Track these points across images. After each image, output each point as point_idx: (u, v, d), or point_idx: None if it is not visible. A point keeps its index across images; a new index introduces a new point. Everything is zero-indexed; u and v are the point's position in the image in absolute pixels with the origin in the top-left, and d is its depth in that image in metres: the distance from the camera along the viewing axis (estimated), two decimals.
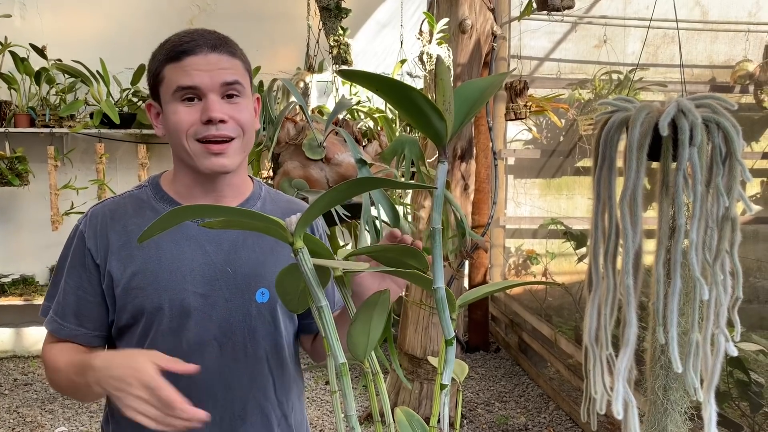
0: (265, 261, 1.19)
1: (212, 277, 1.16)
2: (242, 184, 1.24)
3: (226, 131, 1.11)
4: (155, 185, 1.22)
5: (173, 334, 1.15)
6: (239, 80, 1.12)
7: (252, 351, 1.18)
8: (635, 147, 0.69)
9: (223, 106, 1.11)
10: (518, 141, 5.24)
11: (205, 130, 1.10)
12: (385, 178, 0.60)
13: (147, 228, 0.65)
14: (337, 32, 3.07)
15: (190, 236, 1.17)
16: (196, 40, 1.10)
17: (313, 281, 0.66)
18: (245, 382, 1.19)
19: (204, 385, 1.16)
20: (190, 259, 1.15)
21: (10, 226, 4.54)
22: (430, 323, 3.40)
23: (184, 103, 1.10)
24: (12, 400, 3.89)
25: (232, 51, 1.14)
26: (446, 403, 0.70)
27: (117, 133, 4.32)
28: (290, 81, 2.05)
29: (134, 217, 1.18)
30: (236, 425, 1.19)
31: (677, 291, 0.68)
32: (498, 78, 0.64)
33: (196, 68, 1.09)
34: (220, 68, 1.10)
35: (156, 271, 1.14)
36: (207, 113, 1.09)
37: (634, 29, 5.10)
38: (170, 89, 1.11)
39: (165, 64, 1.11)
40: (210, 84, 1.09)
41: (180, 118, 1.10)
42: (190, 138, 1.11)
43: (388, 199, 1.62)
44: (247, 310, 1.17)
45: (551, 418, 3.68)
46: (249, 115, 1.15)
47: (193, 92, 1.10)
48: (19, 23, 4.36)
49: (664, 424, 0.72)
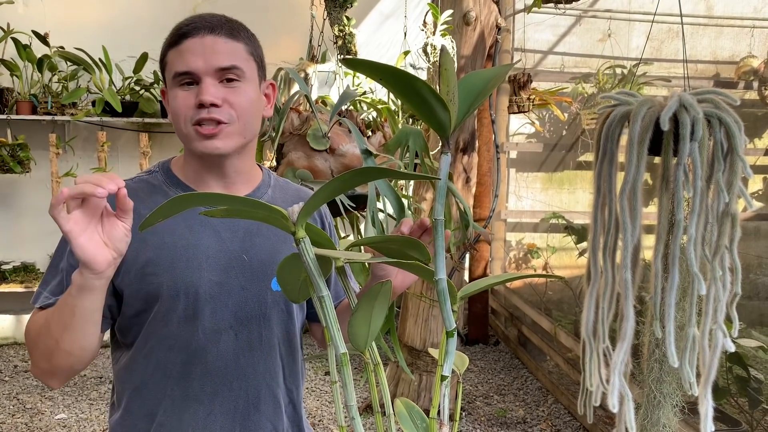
0: (280, 249, 1.19)
1: (228, 265, 1.15)
2: (251, 171, 1.23)
3: (218, 115, 1.09)
4: (166, 170, 1.21)
5: (189, 322, 1.14)
6: (237, 65, 1.10)
7: (267, 338, 1.18)
8: (636, 141, 0.69)
9: (219, 89, 1.09)
10: (521, 134, 5.23)
11: (197, 113, 1.09)
12: (389, 169, 0.60)
13: (149, 215, 0.65)
14: (342, 22, 3.06)
15: (205, 222, 1.16)
16: (195, 23, 1.10)
17: (315, 271, 0.66)
18: (259, 370, 1.18)
19: (219, 372, 1.16)
20: (206, 245, 1.15)
21: (12, 213, 4.55)
22: (430, 315, 3.40)
23: (183, 88, 1.10)
24: (12, 387, 3.90)
25: (233, 33, 1.12)
26: (446, 394, 0.70)
27: (119, 121, 4.32)
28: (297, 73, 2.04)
29: (147, 201, 1.16)
30: (250, 412, 1.19)
31: (675, 286, 0.69)
32: (502, 69, 0.64)
33: (192, 52, 1.08)
34: (216, 52, 1.09)
35: (172, 258, 1.13)
36: (199, 96, 1.08)
37: (638, 23, 5.08)
38: (171, 74, 1.11)
39: (168, 49, 1.12)
40: (204, 68, 1.08)
41: (178, 103, 1.10)
42: (187, 122, 1.10)
43: (394, 191, 1.62)
44: (263, 298, 1.17)
45: (550, 411, 3.69)
46: (247, 100, 1.12)
47: (190, 77, 1.09)
48: (22, 10, 4.35)
49: (657, 416, 0.73)
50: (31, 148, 4.23)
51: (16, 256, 4.57)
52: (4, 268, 4.43)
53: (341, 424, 0.72)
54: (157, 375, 1.16)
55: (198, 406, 1.16)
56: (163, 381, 1.16)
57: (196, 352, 1.15)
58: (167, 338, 1.14)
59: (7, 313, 4.61)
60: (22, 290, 4.33)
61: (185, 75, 1.09)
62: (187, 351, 1.14)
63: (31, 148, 4.23)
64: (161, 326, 1.14)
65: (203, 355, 1.15)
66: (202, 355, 1.15)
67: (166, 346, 1.15)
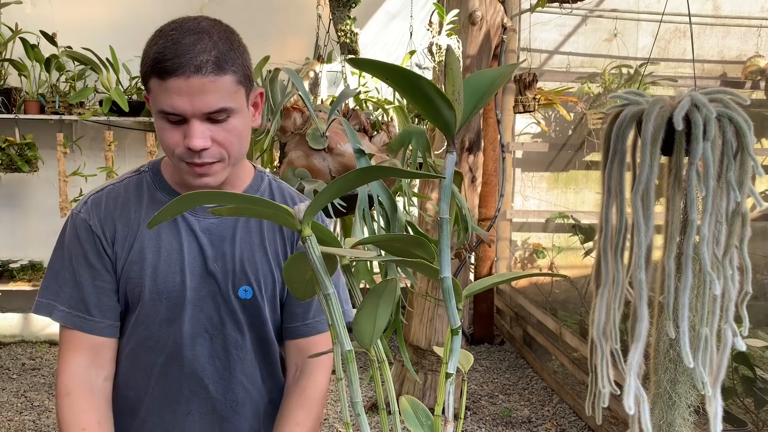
0: (250, 258, 1.19)
1: (203, 271, 1.17)
2: (239, 175, 1.22)
3: (208, 158, 1.08)
4: (155, 172, 1.22)
5: (169, 325, 1.17)
6: (224, 106, 1.06)
7: (240, 343, 1.20)
8: (649, 141, 0.69)
9: (206, 130, 1.06)
10: (526, 134, 5.22)
11: (188, 156, 1.08)
12: (393, 167, 0.60)
13: (156, 215, 0.66)
14: (345, 21, 3.06)
15: (188, 227, 1.17)
16: (179, 58, 1.02)
17: (321, 269, 0.66)
18: (236, 373, 1.21)
19: (196, 375, 1.19)
20: (186, 252, 1.16)
21: (19, 212, 4.57)
22: (435, 315, 3.40)
23: (170, 123, 1.07)
24: (20, 384, 3.92)
25: (220, 67, 1.04)
26: (451, 392, 0.70)
27: (126, 120, 4.33)
28: (294, 71, 2.04)
29: (136, 205, 1.18)
30: (227, 414, 1.21)
31: (688, 286, 0.68)
32: (508, 68, 0.64)
33: (178, 93, 1.03)
34: (203, 94, 1.03)
35: (155, 263, 1.15)
36: (188, 141, 1.05)
37: (645, 23, 5.06)
38: (156, 106, 1.07)
39: (150, 75, 1.06)
40: (191, 111, 1.04)
41: (166, 137, 1.08)
42: (176, 158, 1.10)
43: (387, 190, 1.61)
44: (235, 305, 1.19)
45: (555, 411, 3.68)
46: (236, 135, 1.10)
47: (176, 116, 1.06)
48: (30, 10, 4.37)
49: (672, 417, 0.73)
50: (39, 148, 4.25)
51: (23, 254, 4.59)
52: (11, 267, 4.46)
53: (347, 421, 0.72)
54: (139, 374, 1.20)
55: (176, 406, 1.20)
56: (145, 380, 1.20)
57: (174, 354, 1.18)
58: (149, 339, 1.18)
59: (15, 312, 4.63)
60: (29, 288, 4.35)
61: (171, 114, 1.06)
62: (166, 352, 1.17)
63: (39, 147, 4.25)
64: (143, 328, 1.18)
65: (180, 358, 1.18)
66: (179, 358, 1.18)
67: (148, 347, 1.18)
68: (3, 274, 4.43)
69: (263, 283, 1.20)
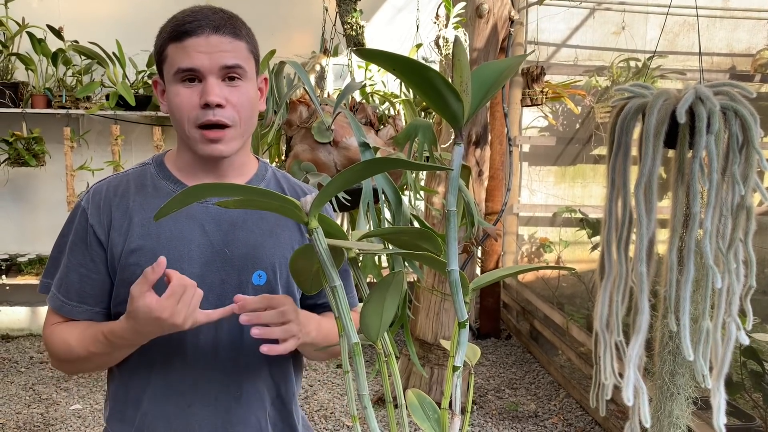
0: (264, 243, 1.19)
1: (209, 258, 1.16)
2: (245, 164, 1.24)
3: (223, 117, 1.11)
4: (159, 163, 1.23)
5: None
6: (240, 63, 1.12)
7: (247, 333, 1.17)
8: (652, 134, 0.69)
9: (222, 89, 1.11)
10: (534, 128, 5.21)
11: (203, 115, 1.10)
12: (400, 159, 0.60)
13: (164, 205, 0.66)
14: (351, 14, 3.05)
15: (191, 215, 1.17)
16: (199, 20, 1.10)
17: (328, 261, 0.67)
18: (241, 364, 1.19)
19: (199, 365, 1.17)
20: (189, 238, 1.16)
21: (27, 206, 4.59)
22: (441, 309, 3.41)
23: (185, 84, 1.11)
24: (28, 378, 3.95)
25: (236, 32, 1.13)
26: (458, 385, 0.70)
27: (132, 115, 4.34)
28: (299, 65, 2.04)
29: (136, 194, 1.18)
30: (231, 405, 1.20)
31: (690, 279, 0.68)
32: (515, 60, 0.64)
33: (197, 50, 1.09)
34: (221, 51, 1.10)
35: (155, 249, 1.14)
36: (204, 97, 1.09)
37: (653, 16, 5.03)
38: (172, 69, 1.11)
39: (168, 43, 1.12)
40: (209, 66, 1.09)
41: (181, 100, 1.11)
42: (191, 124, 1.12)
43: (392, 183, 1.61)
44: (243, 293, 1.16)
45: (561, 405, 3.68)
46: (248, 99, 1.14)
47: (193, 74, 1.10)
48: (37, 4, 4.38)
49: (670, 408, 0.73)
50: (46, 142, 4.27)
51: (31, 248, 4.61)
52: (19, 261, 4.48)
53: (353, 414, 0.73)
54: (141, 364, 1.19)
55: (179, 397, 1.18)
56: (147, 370, 1.19)
57: (176, 344, 1.16)
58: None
59: (23, 305, 4.67)
60: (37, 282, 4.35)
61: (189, 72, 1.10)
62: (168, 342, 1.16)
63: (46, 141, 4.27)
64: None
65: (183, 348, 1.17)
66: (181, 348, 1.17)
67: None
68: (11, 268, 4.46)
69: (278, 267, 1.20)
